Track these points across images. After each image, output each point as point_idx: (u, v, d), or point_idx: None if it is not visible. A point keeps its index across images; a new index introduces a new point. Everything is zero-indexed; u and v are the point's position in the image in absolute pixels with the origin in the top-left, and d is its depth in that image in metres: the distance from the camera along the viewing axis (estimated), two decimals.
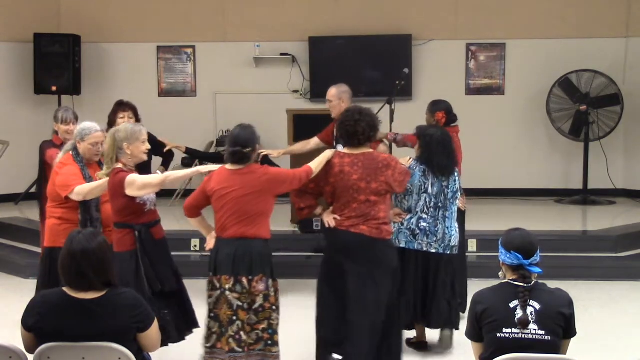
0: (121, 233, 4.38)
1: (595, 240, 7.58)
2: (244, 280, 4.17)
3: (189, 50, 10.10)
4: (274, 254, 4.37)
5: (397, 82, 7.58)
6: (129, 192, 4.31)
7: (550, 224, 8.01)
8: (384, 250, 4.53)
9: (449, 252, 5.06)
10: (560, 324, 3.28)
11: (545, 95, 9.42)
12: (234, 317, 4.19)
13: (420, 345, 5.27)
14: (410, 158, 5.10)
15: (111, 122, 5.88)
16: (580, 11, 9.68)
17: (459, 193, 5.19)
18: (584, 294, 6.29)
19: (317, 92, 9.68)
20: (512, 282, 3.36)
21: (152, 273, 4.38)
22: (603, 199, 9.37)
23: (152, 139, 5.56)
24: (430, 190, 5.01)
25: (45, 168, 5.68)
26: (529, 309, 3.25)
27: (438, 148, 5.02)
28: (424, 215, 5.00)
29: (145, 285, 4.33)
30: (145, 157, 4.53)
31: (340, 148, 6.16)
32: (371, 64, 9.89)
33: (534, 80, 9.68)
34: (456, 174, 5.13)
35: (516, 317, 3.24)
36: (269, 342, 4.25)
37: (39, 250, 7.55)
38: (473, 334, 3.40)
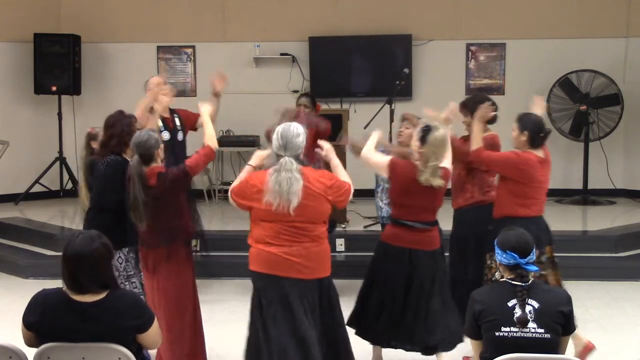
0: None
1: (595, 240, 7.56)
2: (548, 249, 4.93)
3: (189, 50, 10.10)
4: None
5: (397, 82, 7.59)
6: None
7: (550, 224, 7.97)
8: None
9: None
10: (560, 322, 3.28)
11: (545, 95, 9.39)
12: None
13: None
14: None
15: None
16: (580, 11, 9.67)
17: None
18: (584, 294, 6.29)
19: (317, 92, 9.67)
20: (509, 281, 3.37)
21: None
22: (603, 199, 9.36)
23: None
24: None
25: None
26: (528, 308, 3.26)
27: None
28: None
29: None
30: None
31: (166, 136, 6.10)
32: (371, 64, 9.89)
33: (534, 80, 9.65)
34: None
35: (515, 316, 3.24)
36: None
37: (38, 250, 7.58)
38: (472, 333, 3.41)
